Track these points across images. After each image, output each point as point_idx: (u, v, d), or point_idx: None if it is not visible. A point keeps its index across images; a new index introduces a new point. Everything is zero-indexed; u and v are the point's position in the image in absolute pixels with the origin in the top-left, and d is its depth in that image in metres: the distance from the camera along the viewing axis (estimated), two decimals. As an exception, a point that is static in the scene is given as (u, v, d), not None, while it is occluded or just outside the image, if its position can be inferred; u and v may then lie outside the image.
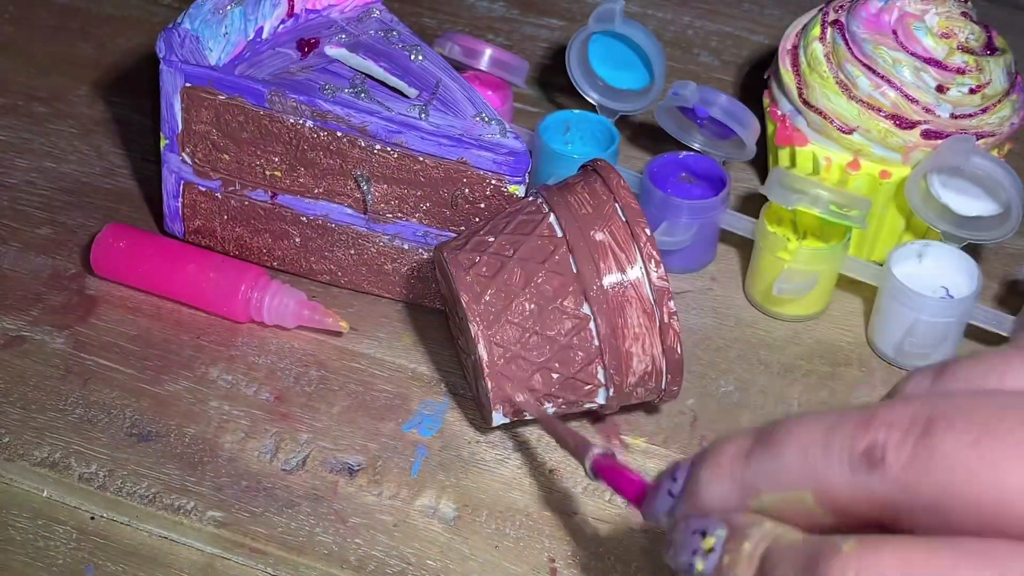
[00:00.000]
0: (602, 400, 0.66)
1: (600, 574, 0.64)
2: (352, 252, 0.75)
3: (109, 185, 0.82)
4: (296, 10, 0.76)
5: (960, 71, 0.75)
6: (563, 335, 0.64)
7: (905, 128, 0.75)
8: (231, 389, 0.71)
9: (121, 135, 0.86)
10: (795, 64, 0.78)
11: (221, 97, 0.71)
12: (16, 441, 0.67)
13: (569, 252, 0.64)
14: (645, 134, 0.87)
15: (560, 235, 0.65)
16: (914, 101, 0.74)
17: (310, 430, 0.69)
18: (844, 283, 0.77)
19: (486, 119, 0.71)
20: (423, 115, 0.70)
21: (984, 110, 0.75)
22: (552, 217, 0.65)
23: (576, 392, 0.65)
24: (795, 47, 0.79)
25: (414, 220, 0.73)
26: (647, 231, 0.64)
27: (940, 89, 0.74)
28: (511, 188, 0.71)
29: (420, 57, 0.74)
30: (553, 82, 0.91)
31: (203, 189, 0.75)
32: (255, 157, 0.73)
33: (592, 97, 0.83)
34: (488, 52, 0.81)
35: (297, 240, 0.75)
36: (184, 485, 0.66)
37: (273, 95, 0.70)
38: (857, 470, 0.34)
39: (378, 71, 0.73)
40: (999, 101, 0.76)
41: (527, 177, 0.71)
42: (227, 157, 0.73)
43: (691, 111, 0.79)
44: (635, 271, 0.64)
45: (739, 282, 0.79)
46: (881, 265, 0.75)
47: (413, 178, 0.71)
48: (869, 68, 0.75)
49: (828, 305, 0.77)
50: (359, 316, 0.75)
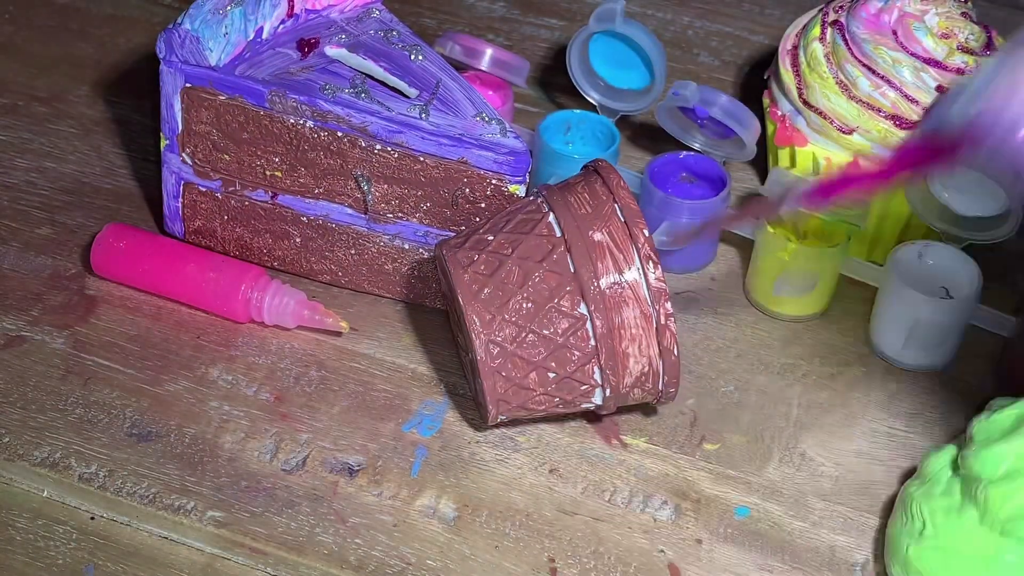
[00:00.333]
0: (599, 400, 0.66)
1: (600, 574, 0.64)
2: (352, 252, 0.75)
3: (109, 185, 0.82)
4: (296, 10, 0.75)
5: (960, 71, 0.75)
6: (560, 334, 0.64)
7: (905, 128, 0.75)
8: (231, 389, 0.71)
9: (121, 135, 0.86)
10: (795, 64, 0.78)
11: (221, 97, 0.71)
12: (16, 441, 0.67)
13: (567, 252, 0.64)
14: (646, 134, 0.87)
15: (559, 234, 0.65)
16: (914, 101, 0.74)
17: (310, 430, 0.69)
18: (844, 283, 0.77)
19: (486, 119, 0.71)
20: (423, 115, 0.70)
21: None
22: (551, 216, 0.65)
23: (572, 392, 0.65)
24: (795, 47, 0.79)
25: (414, 220, 0.73)
26: (645, 232, 0.64)
27: (940, 89, 0.74)
28: (511, 188, 0.71)
29: (420, 57, 0.74)
30: (553, 82, 0.91)
31: (203, 189, 0.75)
32: (255, 157, 0.73)
33: (593, 97, 0.83)
34: (489, 52, 0.81)
35: (297, 240, 0.75)
36: (184, 485, 0.66)
37: (273, 95, 0.70)
38: None
39: (378, 71, 0.73)
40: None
41: (527, 177, 0.71)
42: (227, 157, 0.73)
43: (692, 111, 0.79)
44: (633, 272, 0.64)
45: (739, 282, 0.79)
46: (881, 265, 0.75)
47: (413, 178, 0.71)
48: (869, 68, 0.75)
49: (828, 305, 0.77)
50: (359, 316, 0.75)
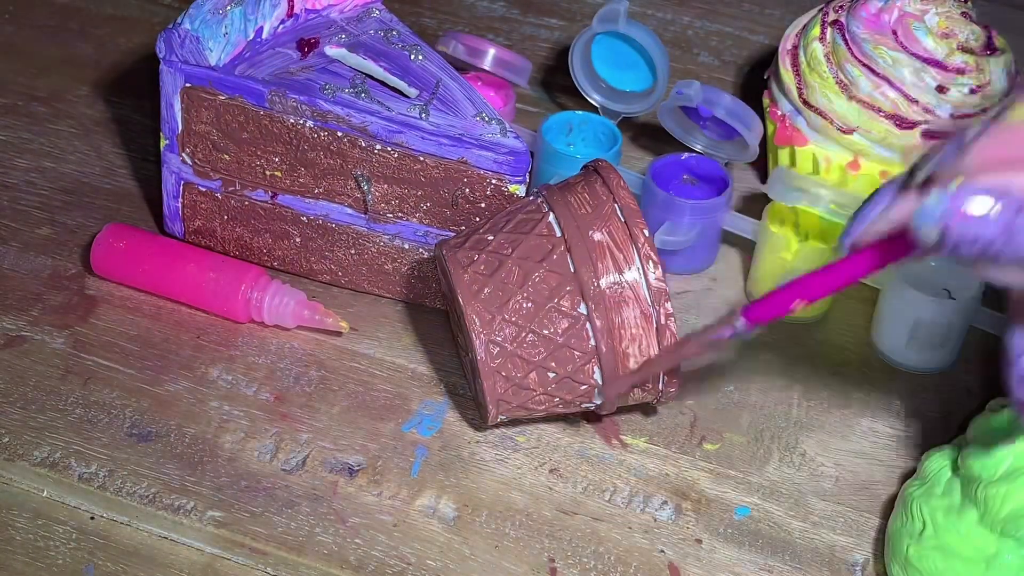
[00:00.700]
0: (599, 400, 0.66)
1: (600, 574, 0.64)
2: (352, 252, 0.75)
3: (109, 185, 0.82)
4: (296, 10, 0.75)
5: (960, 71, 0.75)
6: (560, 334, 0.64)
7: (905, 128, 0.75)
8: (231, 389, 0.71)
9: (121, 135, 0.85)
10: (795, 64, 0.78)
11: (221, 97, 0.71)
12: (16, 441, 0.67)
13: (567, 251, 0.64)
14: (648, 135, 0.87)
15: (559, 234, 0.65)
16: (914, 101, 0.74)
17: (310, 430, 0.69)
18: (844, 283, 0.77)
19: (486, 119, 0.71)
20: (423, 115, 0.70)
21: (984, 110, 0.75)
22: (551, 216, 0.65)
23: (572, 392, 0.65)
24: (795, 47, 0.79)
25: (414, 220, 0.73)
26: (645, 232, 0.64)
27: (940, 89, 0.74)
28: (511, 188, 0.71)
29: (420, 57, 0.74)
30: (552, 82, 0.91)
31: (203, 189, 0.75)
32: (255, 157, 0.73)
33: (595, 99, 0.83)
34: (492, 52, 0.81)
35: (297, 240, 0.75)
36: (184, 485, 0.66)
37: (274, 95, 0.70)
38: None
39: (378, 71, 0.73)
40: (999, 101, 0.76)
41: (527, 176, 0.71)
42: (227, 157, 0.73)
43: (694, 111, 0.79)
44: (633, 272, 0.64)
45: (740, 283, 0.79)
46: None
47: (413, 178, 0.71)
48: (869, 68, 0.75)
49: (830, 306, 0.77)
50: (359, 316, 0.75)
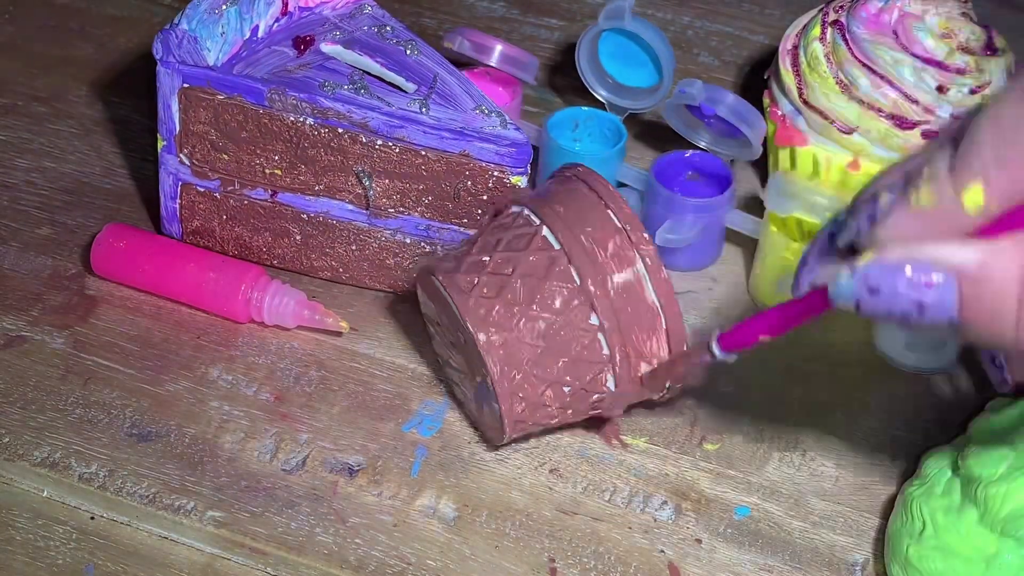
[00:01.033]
0: (611, 405, 0.65)
1: (600, 574, 0.64)
2: (353, 248, 0.74)
3: (109, 185, 0.82)
4: (289, 8, 0.75)
5: (960, 72, 0.75)
6: (573, 348, 0.63)
7: (905, 128, 0.74)
8: (231, 389, 0.71)
9: (121, 135, 0.85)
10: (795, 64, 0.78)
11: (220, 97, 0.71)
12: (16, 441, 0.67)
13: (570, 264, 0.63)
14: (652, 132, 0.87)
15: (557, 247, 0.64)
16: (914, 102, 0.74)
17: (310, 430, 0.69)
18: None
19: (486, 111, 0.71)
20: (424, 109, 0.70)
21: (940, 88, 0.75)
22: (545, 230, 0.64)
23: (585, 401, 0.65)
24: (795, 47, 0.79)
25: (416, 214, 0.73)
26: (644, 234, 0.64)
27: (940, 90, 0.74)
28: (514, 179, 0.71)
29: (416, 52, 0.74)
30: (554, 81, 0.91)
31: (201, 190, 0.75)
32: (254, 156, 0.73)
33: (601, 94, 0.83)
34: (498, 48, 0.81)
35: (298, 238, 0.75)
36: (184, 485, 0.66)
37: (273, 93, 0.70)
38: None
39: (375, 67, 0.73)
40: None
41: (529, 168, 0.71)
42: (226, 157, 0.73)
43: (698, 109, 0.79)
44: (637, 276, 0.64)
45: (741, 282, 0.78)
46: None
47: (415, 172, 0.71)
48: (869, 68, 0.75)
49: (829, 305, 0.77)
50: (359, 316, 0.75)
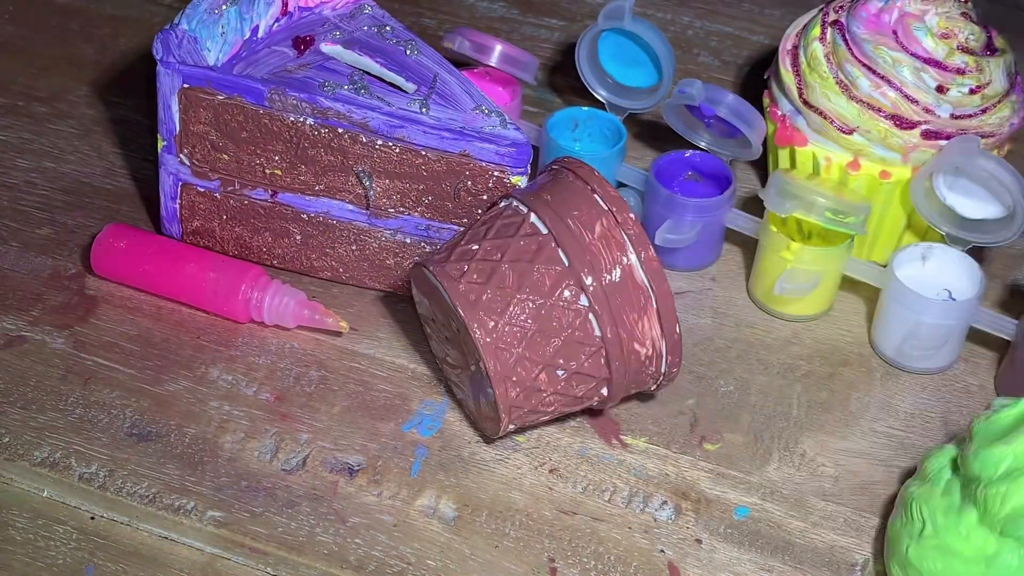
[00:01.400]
0: (606, 392, 0.66)
1: (600, 574, 0.64)
2: (354, 248, 0.74)
3: (109, 185, 0.82)
4: (289, 8, 0.75)
5: (960, 71, 0.75)
6: (565, 329, 0.64)
7: (905, 128, 0.74)
8: (231, 389, 0.71)
9: (121, 135, 0.85)
10: (795, 64, 0.78)
11: (220, 97, 0.71)
12: (16, 441, 0.67)
13: (558, 247, 0.64)
14: (652, 132, 0.87)
15: (545, 232, 0.64)
16: (914, 101, 0.74)
17: (310, 430, 0.69)
18: (847, 284, 0.77)
19: (486, 111, 0.71)
20: (424, 109, 0.70)
21: (984, 110, 0.75)
22: (533, 216, 0.65)
23: (582, 386, 0.65)
24: (795, 47, 0.79)
25: (416, 214, 0.73)
26: (631, 216, 0.64)
27: (940, 89, 0.74)
28: (514, 179, 0.71)
29: (415, 52, 0.74)
30: (554, 81, 0.91)
31: (201, 190, 0.75)
32: (255, 156, 0.73)
33: (601, 94, 0.83)
34: (498, 48, 0.81)
35: (298, 238, 0.75)
36: (184, 485, 0.66)
37: (273, 93, 0.70)
38: None
39: (375, 67, 0.73)
40: (999, 102, 0.76)
41: (529, 168, 0.71)
42: (226, 157, 0.73)
43: (698, 109, 0.79)
44: (626, 256, 0.64)
45: (740, 282, 0.79)
46: (881, 265, 0.75)
47: (415, 172, 0.71)
48: (869, 68, 0.75)
49: (830, 306, 0.77)
50: (359, 316, 0.75)
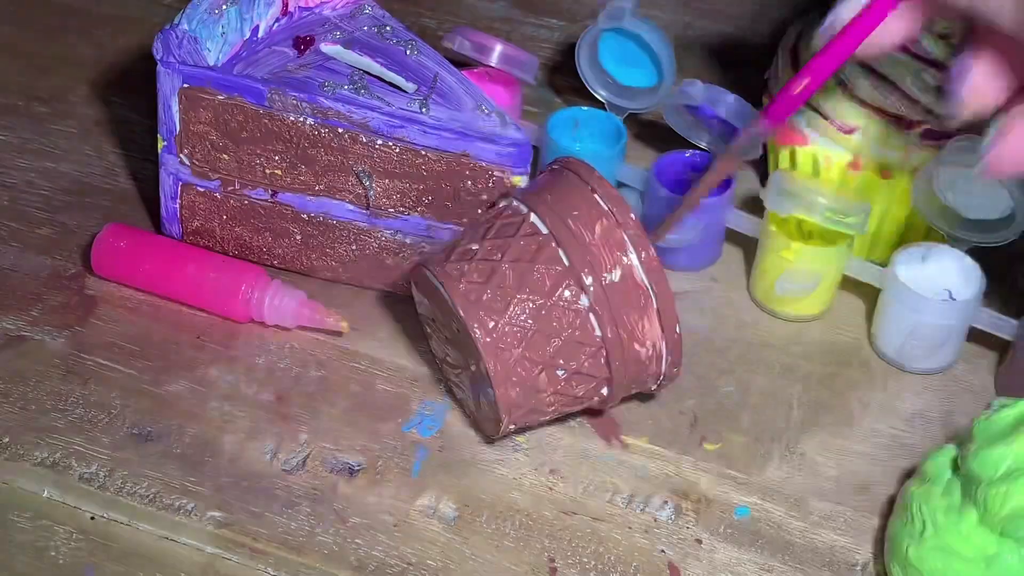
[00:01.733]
0: (606, 392, 0.66)
1: (600, 574, 0.64)
2: (354, 248, 0.74)
3: (109, 185, 0.82)
4: (289, 8, 0.75)
5: (960, 71, 0.75)
6: (565, 329, 0.64)
7: (905, 129, 0.74)
8: (231, 389, 0.71)
9: (121, 135, 0.85)
10: (795, 64, 0.78)
11: (220, 97, 0.71)
12: (16, 441, 0.67)
13: (558, 246, 0.64)
14: (653, 132, 0.87)
15: (545, 232, 0.64)
16: (914, 102, 0.74)
17: (310, 430, 0.69)
18: (847, 284, 0.76)
19: (486, 111, 0.71)
20: (424, 109, 0.70)
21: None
22: (533, 216, 0.65)
23: (582, 386, 0.65)
24: (795, 47, 0.79)
25: (416, 214, 0.73)
26: (631, 216, 0.64)
27: (940, 90, 0.74)
28: (514, 179, 0.71)
29: (415, 52, 0.74)
30: (554, 81, 0.91)
31: (201, 190, 0.75)
32: (255, 156, 0.73)
33: (601, 95, 0.83)
34: (498, 48, 0.81)
35: (298, 238, 0.75)
36: (184, 485, 0.66)
37: (274, 93, 0.70)
38: None
39: (375, 67, 0.73)
40: None
41: (529, 168, 0.71)
42: (226, 157, 0.73)
43: (698, 110, 0.79)
44: (626, 256, 0.64)
45: (741, 282, 0.78)
46: (881, 265, 0.75)
47: (415, 172, 0.71)
48: (870, 68, 0.75)
49: (831, 306, 0.77)
50: (359, 316, 0.75)
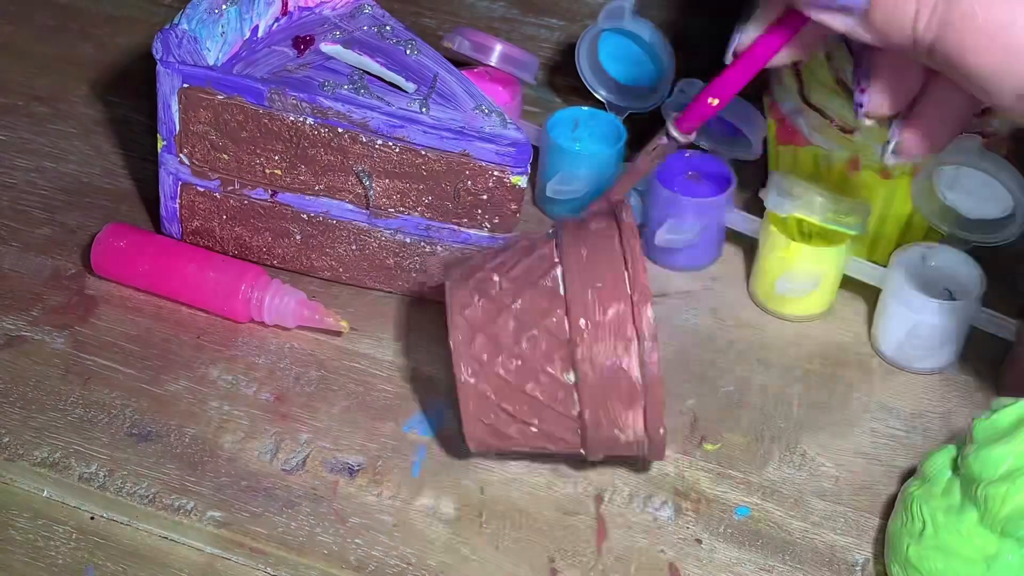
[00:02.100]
0: (581, 451, 0.64)
1: (600, 574, 0.64)
2: (353, 248, 0.74)
3: (109, 185, 0.82)
4: (289, 8, 0.75)
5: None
6: (544, 396, 0.62)
7: (906, 128, 0.74)
8: (231, 389, 0.71)
9: (121, 135, 0.85)
10: (795, 64, 0.78)
11: (220, 97, 0.71)
12: (16, 441, 0.67)
13: (565, 315, 0.61)
14: (653, 132, 0.86)
15: (562, 293, 0.62)
16: (915, 101, 0.74)
17: (310, 430, 0.69)
18: (847, 284, 0.76)
19: (486, 111, 0.71)
20: (424, 109, 0.70)
21: (984, 111, 0.75)
22: (559, 271, 0.62)
23: (553, 445, 0.64)
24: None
25: (416, 214, 0.73)
26: (648, 310, 0.61)
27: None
28: (514, 179, 0.71)
29: (415, 52, 0.74)
30: (554, 82, 0.91)
31: (201, 190, 0.75)
32: (254, 156, 0.73)
33: (601, 95, 0.83)
34: (498, 48, 0.81)
35: (298, 238, 0.75)
36: (184, 485, 0.66)
37: (273, 93, 0.70)
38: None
39: (375, 67, 0.73)
40: None
41: (529, 168, 0.71)
42: (226, 157, 0.73)
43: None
44: (629, 352, 0.61)
45: (741, 282, 0.78)
46: (881, 265, 0.75)
47: (415, 172, 0.71)
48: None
49: (831, 305, 0.77)
50: (359, 315, 0.75)
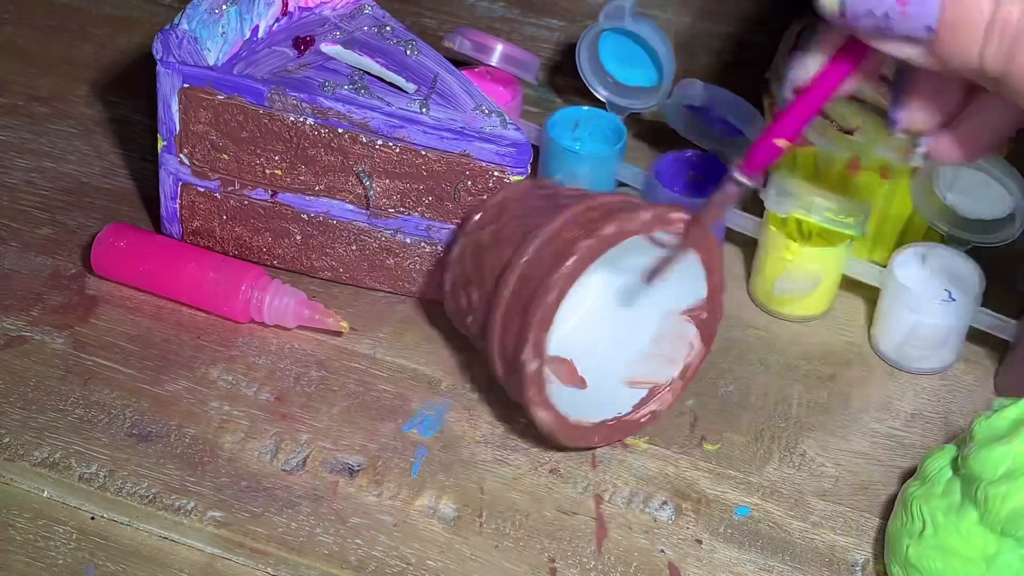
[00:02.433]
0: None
1: (600, 574, 0.64)
2: (354, 248, 0.75)
3: (109, 185, 0.82)
4: (289, 8, 0.76)
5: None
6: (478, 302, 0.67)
7: (906, 129, 0.74)
8: (231, 389, 0.71)
9: (121, 135, 0.85)
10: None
11: (220, 97, 0.71)
12: (16, 441, 0.67)
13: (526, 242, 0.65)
14: (653, 132, 0.87)
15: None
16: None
17: (310, 430, 0.69)
18: (847, 284, 0.77)
19: (486, 111, 0.71)
20: (424, 109, 0.70)
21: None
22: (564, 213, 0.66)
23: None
24: (796, 47, 0.79)
25: (416, 214, 0.73)
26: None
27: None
28: (513, 179, 0.71)
29: (415, 52, 0.74)
30: (554, 82, 0.91)
31: (201, 190, 0.75)
32: (255, 156, 0.73)
33: (601, 94, 0.83)
34: (499, 48, 0.81)
35: (298, 238, 0.75)
36: (184, 485, 0.66)
37: (274, 94, 0.70)
38: None
39: (375, 67, 0.73)
40: None
41: (529, 168, 0.71)
42: (226, 157, 0.73)
43: (699, 110, 0.79)
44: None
45: (740, 282, 0.78)
46: (881, 265, 0.75)
47: (415, 172, 0.71)
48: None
49: (830, 306, 0.77)
50: (359, 315, 0.75)
